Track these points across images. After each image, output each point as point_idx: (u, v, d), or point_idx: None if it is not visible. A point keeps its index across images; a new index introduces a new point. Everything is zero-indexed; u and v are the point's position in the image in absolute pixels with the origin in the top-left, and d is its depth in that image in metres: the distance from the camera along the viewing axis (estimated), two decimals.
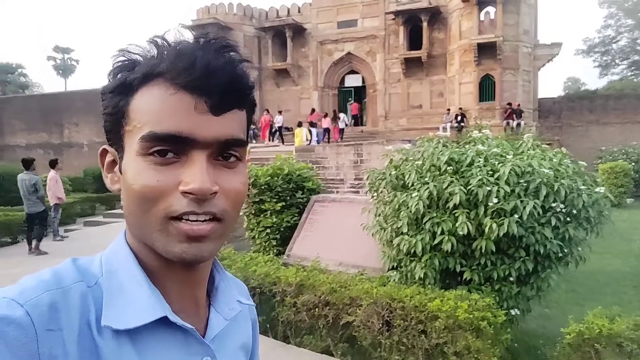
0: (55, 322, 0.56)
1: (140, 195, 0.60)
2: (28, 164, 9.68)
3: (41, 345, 0.54)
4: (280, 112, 24.20)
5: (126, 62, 0.64)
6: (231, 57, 0.64)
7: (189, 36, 0.64)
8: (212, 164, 0.62)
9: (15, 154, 29.66)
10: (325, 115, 22.96)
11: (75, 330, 0.57)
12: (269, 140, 22.91)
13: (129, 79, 0.63)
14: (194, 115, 0.60)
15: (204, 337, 0.68)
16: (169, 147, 0.60)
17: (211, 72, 0.60)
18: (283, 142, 22.08)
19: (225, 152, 0.64)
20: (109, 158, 0.69)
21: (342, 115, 24.39)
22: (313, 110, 24.38)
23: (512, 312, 3.98)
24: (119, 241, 0.68)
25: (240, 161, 0.66)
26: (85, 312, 0.59)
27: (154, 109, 0.60)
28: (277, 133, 23.12)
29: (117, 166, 0.67)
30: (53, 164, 10.76)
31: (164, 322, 0.63)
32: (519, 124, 20.47)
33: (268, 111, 24.40)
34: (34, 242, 9.48)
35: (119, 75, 0.64)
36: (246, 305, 0.82)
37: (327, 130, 22.08)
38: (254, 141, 22.70)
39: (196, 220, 0.60)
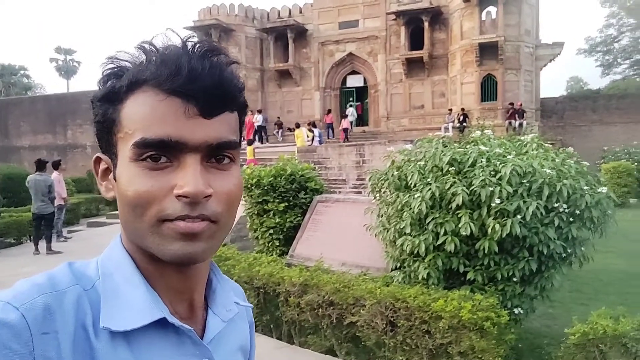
0: (50, 325, 0.56)
1: (133, 200, 0.60)
2: (42, 166, 9.76)
3: (36, 348, 0.54)
4: (259, 111, 24.17)
5: (115, 70, 0.65)
6: (217, 60, 0.64)
7: (177, 40, 0.64)
8: (205, 167, 0.62)
9: (20, 156, 29.77)
10: (345, 117, 23.48)
11: (71, 332, 0.57)
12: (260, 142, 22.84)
13: (116, 87, 0.63)
14: (183, 119, 0.60)
15: (202, 340, 0.68)
16: (161, 152, 0.60)
17: (196, 76, 0.60)
18: (262, 142, 22.13)
19: (218, 154, 0.64)
20: (102, 166, 0.69)
21: (350, 109, 24.60)
22: (329, 111, 24.66)
23: (516, 310, 3.98)
24: (115, 245, 0.69)
25: (234, 163, 0.66)
26: (81, 315, 0.59)
27: (144, 115, 0.61)
28: (259, 133, 23.10)
29: (112, 174, 0.67)
30: (56, 165, 10.84)
31: (161, 324, 0.63)
32: (521, 124, 20.43)
33: (252, 112, 24.34)
34: (45, 243, 9.57)
35: (108, 83, 0.65)
36: (243, 308, 0.82)
37: (330, 126, 22.29)
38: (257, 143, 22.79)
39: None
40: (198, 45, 0.64)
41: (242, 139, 0.72)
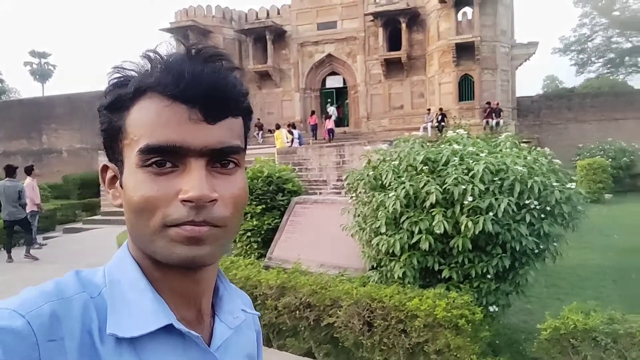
0: (56, 332, 0.56)
1: (139, 206, 0.61)
2: (12, 172, 9.57)
3: (42, 355, 0.54)
4: None
5: (121, 79, 0.65)
6: (220, 65, 0.65)
7: (181, 48, 0.66)
8: (210, 172, 0.63)
9: None
10: (329, 117, 23.88)
11: (77, 339, 0.57)
12: None
13: (122, 95, 0.64)
14: (187, 124, 0.61)
15: (209, 347, 0.68)
16: (166, 157, 0.61)
17: (198, 81, 0.61)
18: None
19: (222, 159, 0.64)
20: (109, 174, 0.69)
21: (331, 108, 25.02)
22: (313, 113, 24.90)
23: (491, 308, 4.01)
24: (122, 252, 0.69)
25: (239, 167, 0.67)
26: (87, 322, 0.59)
27: (149, 121, 0.61)
28: None
29: (118, 181, 0.67)
30: (29, 171, 10.62)
31: (167, 330, 0.63)
32: (498, 123, 20.73)
33: None
34: (25, 246, 9.47)
35: (114, 91, 0.65)
36: (251, 315, 0.82)
37: (314, 128, 22.50)
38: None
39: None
40: (202, 51, 0.65)
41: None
